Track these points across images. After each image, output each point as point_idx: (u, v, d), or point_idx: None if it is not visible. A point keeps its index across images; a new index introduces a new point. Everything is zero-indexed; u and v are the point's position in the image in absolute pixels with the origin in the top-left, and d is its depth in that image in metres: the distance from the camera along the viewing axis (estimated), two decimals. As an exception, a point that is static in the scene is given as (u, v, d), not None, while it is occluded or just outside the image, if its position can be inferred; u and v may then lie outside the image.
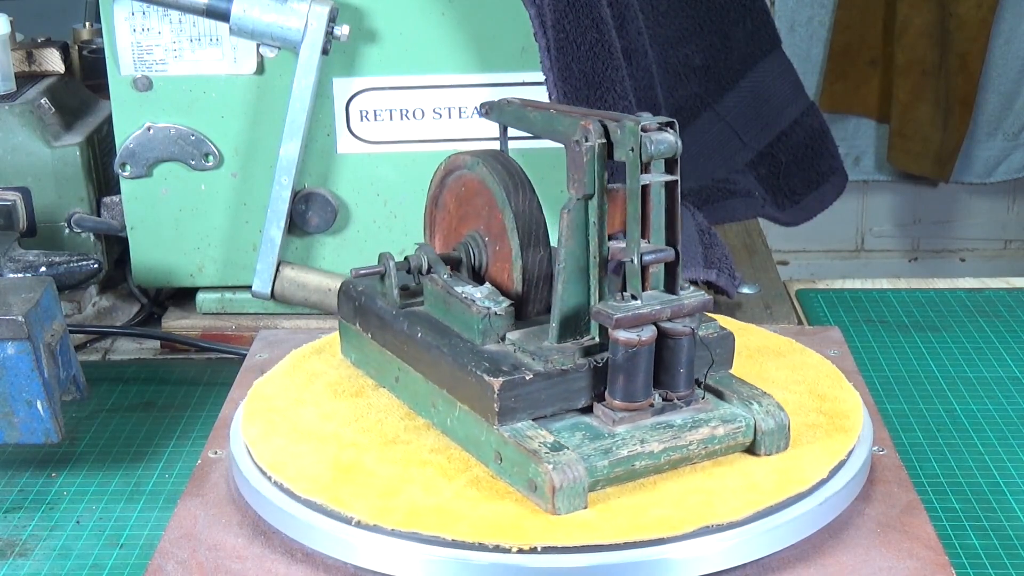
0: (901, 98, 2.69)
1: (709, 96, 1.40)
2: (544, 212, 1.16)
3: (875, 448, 0.80)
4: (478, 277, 0.82)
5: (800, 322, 1.24)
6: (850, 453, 0.76)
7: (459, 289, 0.79)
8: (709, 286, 1.18)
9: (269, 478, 0.75)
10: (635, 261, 0.73)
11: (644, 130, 0.72)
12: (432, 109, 1.16)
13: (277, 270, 1.17)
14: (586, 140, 0.74)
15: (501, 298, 0.78)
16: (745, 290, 1.23)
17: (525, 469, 0.71)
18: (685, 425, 0.75)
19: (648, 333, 0.73)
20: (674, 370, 0.75)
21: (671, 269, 0.75)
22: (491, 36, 1.14)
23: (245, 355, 0.97)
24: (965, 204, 2.91)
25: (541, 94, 1.10)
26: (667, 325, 0.74)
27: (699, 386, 0.77)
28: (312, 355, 0.90)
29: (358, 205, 1.19)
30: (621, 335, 0.72)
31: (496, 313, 0.77)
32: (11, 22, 1.25)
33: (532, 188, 0.80)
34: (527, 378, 0.73)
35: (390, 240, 1.18)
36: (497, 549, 0.68)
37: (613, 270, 0.76)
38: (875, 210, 2.93)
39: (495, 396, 0.73)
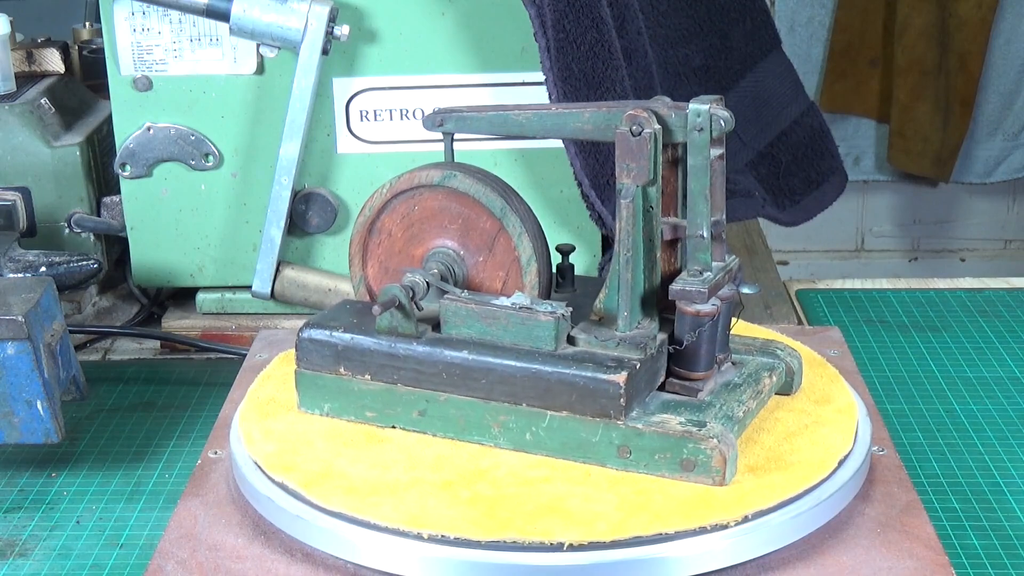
0: (901, 98, 2.69)
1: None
2: (547, 213, 1.17)
3: (875, 448, 0.80)
4: None
5: (800, 322, 1.24)
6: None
7: (501, 302, 0.77)
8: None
9: (441, 538, 0.69)
10: (705, 235, 0.76)
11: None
12: (432, 109, 1.16)
13: (277, 270, 1.17)
14: (642, 128, 0.75)
15: (551, 302, 0.78)
16: (745, 290, 1.23)
17: (676, 451, 0.72)
18: (748, 381, 0.79)
19: (718, 301, 0.77)
20: (720, 333, 0.79)
21: (719, 236, 0.79)
22: (491, 36, 1.14)
23: (245, 355, 0.97)
24: (965, 204, 2.91)
25: (541, 94, 1.10)
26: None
27: None
28: (266, 417, 0.82)
29: (358, 205, 1.18)
30: (703, 307, 0.75)
31: (564, 316, 0.76)
32: (11, 22, 1.25)
33: (515, 190, 0.82)
34: (638, 367, 0.74)
35: (390, 240, 1.18)
36: (716, 528, 0.70)
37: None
38: (875, 210, 2.93)
39: (621, 391, 0.73)
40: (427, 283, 0.79)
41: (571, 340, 0.77)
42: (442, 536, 0.69)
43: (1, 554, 0.87)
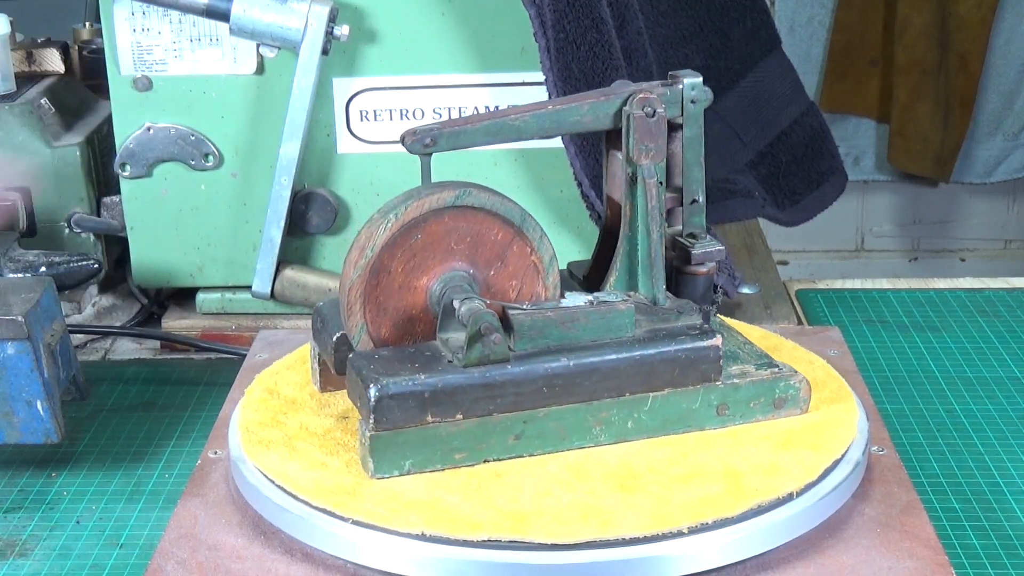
0: (901, 98, 2.69)
1: (709, 96, 1.40)
2: (547, 213, 1.17)
3: (875, 448, 0.80)
4: None
5: (800, 322, 1.24)
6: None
7: (572, 303, 0.78)
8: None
9: (700, 526, 0.70)
10: (700, 199, 0.82)
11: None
12: (432, 109, 1.16)
13: (277, 270, 1.17)
14: (655, 109, 0.79)
15: (612, 291, 0.80)
16: (745, 290, 1.23)
17: (769, 394, 0.79)
18: (718, 324, 0.85)
19: None
20: None
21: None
22: (491, 36, 1.14)
23: (245, 355, 0.97)
24: (965, 204, 2.91)
25: (541, 94, 1.10)
26: None
27: None
28: (352, 495, 0.73)
29: (358, 205, 1.19)
30: (710, 266, 0.81)
31: (633, 300, 0.79)
32: (11, 22, 1.25)
33: None
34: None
35: (390, 240, 1.18)
36: (852, 449, 0.77)
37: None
38: (875, 210, 2.93)
39: (720, 354, 0.78)
40: (486, 304, 0.76)
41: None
42: (701, 524, 0.69)
43: (1, 554, 0.87)
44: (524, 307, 0.77)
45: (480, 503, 0.72)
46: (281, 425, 0.80)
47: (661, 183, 0.80)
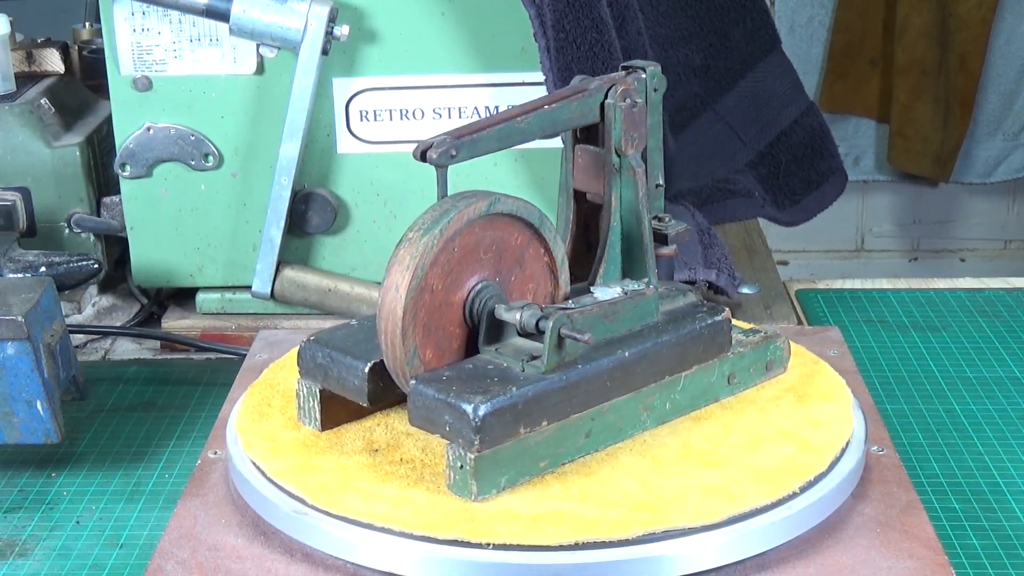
0: (901, 98, 2.69)
1: (709, 96, 1.40)
2: (547, 213, 1.17)
3: (875, 448, 0.80)
4: None
5: (800, 322, 1.24)
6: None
7: (608, 296, 0.79)
8: (709, 286, 1.18)
9: (797, 492, 0.73)
10: (661, 183, 0.85)
11: None
12: (432, 109, 1.16)
13: (277, 270, 1.17)
14: (635, 99, 0.81)
15: (629, 281, 0.82)
16: (745, 290, 1.23)
17: (762, 357, 0.84)
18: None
19: None
20: None
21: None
22: (491, 36, 1.14)
23: (245, 355, 0.97)
24: (965, 204, 2.91)
25: (541, 94, 1.10)
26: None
27: None
28: (465, 516, 0.71)
29: (358, 205, 1.19)
30: (673, 247, 0.84)
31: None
32: (11, 22, 1.25)
33: None
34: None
35: (390, 240, 1.18)
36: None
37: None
38: (875, 210, 2.93)
39: (731, 325, 0.82)
40: (541, 309, 0.75)
41: None
42: (808, 482, 0.73)
43: (1, 554, 0.87)
44: (570, 306, 0.77)
45: (597, 503, 0.71)
46: (319, 469, 0.76)
47: (643, 170, 0.81)
